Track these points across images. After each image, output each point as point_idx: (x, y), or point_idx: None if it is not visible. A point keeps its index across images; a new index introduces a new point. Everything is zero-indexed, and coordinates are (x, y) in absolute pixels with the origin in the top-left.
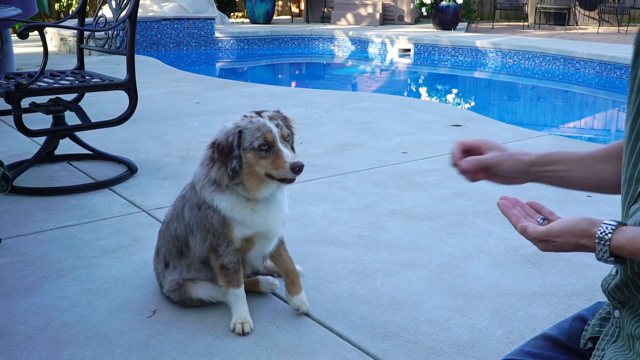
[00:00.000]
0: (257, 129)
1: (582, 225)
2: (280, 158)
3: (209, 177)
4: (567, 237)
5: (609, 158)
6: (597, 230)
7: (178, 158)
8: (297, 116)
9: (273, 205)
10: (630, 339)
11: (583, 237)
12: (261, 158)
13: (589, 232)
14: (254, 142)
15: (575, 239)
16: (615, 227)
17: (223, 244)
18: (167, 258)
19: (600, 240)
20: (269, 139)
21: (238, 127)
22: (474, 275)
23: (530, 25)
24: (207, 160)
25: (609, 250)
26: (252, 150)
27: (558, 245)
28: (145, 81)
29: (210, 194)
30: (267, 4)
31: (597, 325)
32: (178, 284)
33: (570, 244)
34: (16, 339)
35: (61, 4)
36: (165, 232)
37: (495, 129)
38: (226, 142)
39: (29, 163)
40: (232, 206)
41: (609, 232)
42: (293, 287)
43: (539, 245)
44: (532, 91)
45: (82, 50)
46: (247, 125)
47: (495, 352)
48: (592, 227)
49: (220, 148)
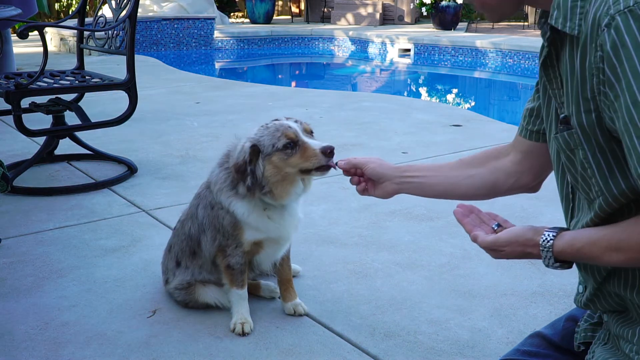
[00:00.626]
0: (276, 130)
1: (527, 235)
2: (308, 149)
3: (228, 183)
4: (514, 246)
5: (461, 166)
6: (540, 239)
7: (178, 158)
8: (297, 116)
9: (287, 212)
10: (616, 338)
11: (528, 246)
12: (289, 157)
13: (533, 241)
14: (277, 143)
15: (521, 248)
16: (557, 233)
17: (232, 245)
18: (179, 257)
19: (544, 248)
20: (291, 136)
21: (251, 142)
22: (474, 275)
23: (530, 25)
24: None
25: (553, 257)
26: (278, 152)
27: (506, 254)
28: (145, 81)
29: (228, 198)
30: (267, 4)
31: (589, 330)
32: (188, 284)
33: (518, 252)
34: (16, 339)
35: (61, 4)
36: (180, 230)
37: (495, 129)
38: (242, 161)
39: (29, 163)
40: (249, 212)
41: (551, 239)
42: (287, 295)
43: (490, 253)
44: (532, 91)
45: (82, 50)
46: (262, 134)
47: (495, 352)
48: (535, 236)
49: (237, 167)
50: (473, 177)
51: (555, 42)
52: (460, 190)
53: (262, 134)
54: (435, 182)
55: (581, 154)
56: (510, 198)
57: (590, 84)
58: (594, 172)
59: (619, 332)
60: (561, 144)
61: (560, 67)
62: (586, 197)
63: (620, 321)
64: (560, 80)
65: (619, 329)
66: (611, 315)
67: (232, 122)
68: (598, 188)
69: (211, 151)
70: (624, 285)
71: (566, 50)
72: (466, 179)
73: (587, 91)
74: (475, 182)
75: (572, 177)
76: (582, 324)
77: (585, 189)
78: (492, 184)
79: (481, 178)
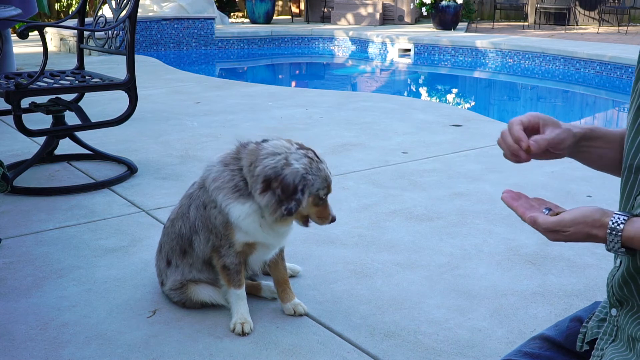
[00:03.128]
0: (325, 179)
1: (595, 216)
2: (327, 209)
3: (232, 184)
4: (580, 227)
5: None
6: (609, 221)
7: (178, 158)
8: (297, 116)
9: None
10: (631, 340)
11: (595, 228)
12: (315, 206)
13: (601, 222)
14: (321, 191)
15: (587, 229)
16: (628, 218)
17: (225, 245)
18: (169, 256)
19: (612, 231)
20: (330, 191)
21: (306, 172)
22: (474, 275)
23: (530, 25)
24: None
25: (620, 241)
26: (315, 198)
27: (569, 236)
28: (145, 81)
29: (226, 199)
30: (267, 4)
31: (595, 327)
32: (181, 284)
33: (582, 234)
34: (16, 339)
35: (61, 4)
36: (170, 229)
37: (495, 129)
38: (293, 185)
39: (29, 163)
40: (244, 217)
41: (621, 222)
42: (285, 295)
43: (549, 235)
44: (532, 91)
45: (82, 50)
46: (314, 173)
47: (495, 352)
48: (604, 217)
49: (286, 187)
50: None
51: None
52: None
53: (314, 174)
54: (615, 156)
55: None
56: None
57: None
58: None
59: (636, 334)
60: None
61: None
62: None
63: (638, 323)
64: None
65: (637, 331)
66: (625, 311)
67: (232, 122)
68: None
69: (211, 151)
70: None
71: None
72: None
73: None
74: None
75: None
76: (591, 323)
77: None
78: None
79: None
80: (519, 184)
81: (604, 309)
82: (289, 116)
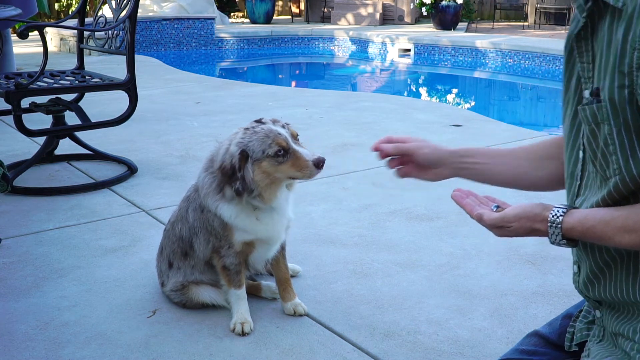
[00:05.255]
0: (266, 136)
1: (536, 210)
2: (300, 158)
3: (214, 187)
4: (523, 222)
5: (528, 156)
6: (549, 214)
7: (178, 158)
8: (297, 116)
9: (276, 213)
10: (613, 336)
11: (537, 222)
12: (280, 164)
13: (542, 217)
14: (268, 150)
15: (529, 223)
16: (566, 210)
17: (224, 245)
18: (171, 258)
19: (552, 224)
20: (282, 144)
21: (240, 147)
22: (474, 275)
23: (530, 25)
24: (217, 177)
25: (561, 233)
26: (268, 159)
27: (513, 231)
28: (145, 81)
29: (214, 203)
30: (267, 4)
31: (584, 329)
32: (182, 285)
33: (525, 228)
34: (16, 339)
35: (61, 4)
36: (170, 232)
37: (495, 129)
38: (230, 165)
39: (29, 163)
40: (235, 215)
41: (560, 215)
42: (286, 294)
43: (495, 231)
44: (532, 91)
45: (82, 50)
46: (251, 138)
47: (495, 352)
48: (544, 212)
49: (224, 171)
50: (542, 169)
51: (593, 14)
52: (527, 181)
53: (251, 139)
54: (498, 171)
55: (606, 129)
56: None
57: (630, 58)
58: (616, 149)
59: (617, 329)
60: (587, 116)
61: (594, 40)
62: (602, 174)
63: (619, 318)
64: (592, 53)
65: (618, 325)
66: (607, 311)
67: (232, 122)
68: (617, 166)
69: None
70: (626, 275)
71: (605, 22)
72: (535, 170)
73: (625, 65)
74: (545, 175)
75: (592, 152)
76: (578, 324)
77: (603, 166)
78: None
79: (551, 171)
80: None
81: (589, 313)
82: (289, 116)
